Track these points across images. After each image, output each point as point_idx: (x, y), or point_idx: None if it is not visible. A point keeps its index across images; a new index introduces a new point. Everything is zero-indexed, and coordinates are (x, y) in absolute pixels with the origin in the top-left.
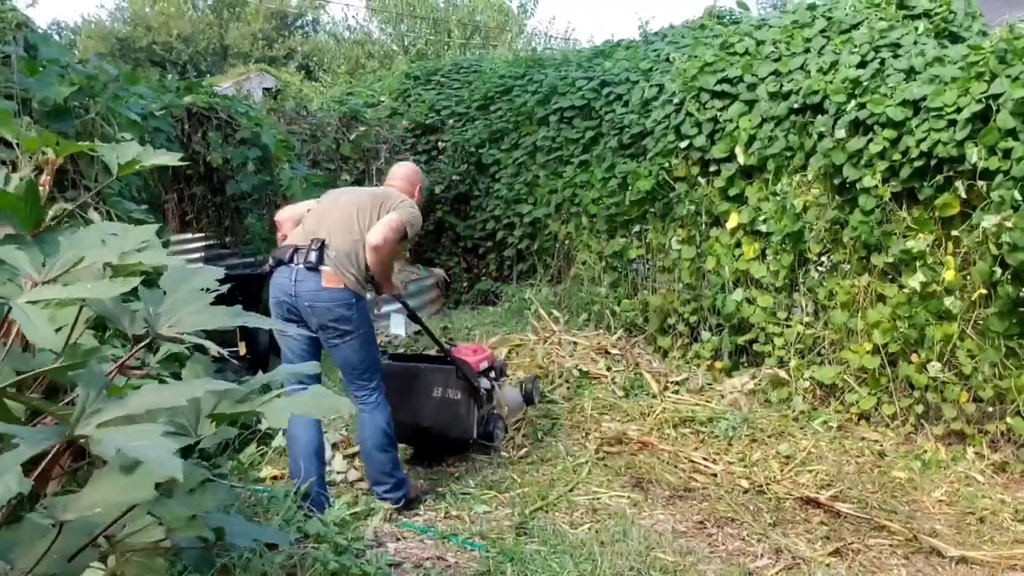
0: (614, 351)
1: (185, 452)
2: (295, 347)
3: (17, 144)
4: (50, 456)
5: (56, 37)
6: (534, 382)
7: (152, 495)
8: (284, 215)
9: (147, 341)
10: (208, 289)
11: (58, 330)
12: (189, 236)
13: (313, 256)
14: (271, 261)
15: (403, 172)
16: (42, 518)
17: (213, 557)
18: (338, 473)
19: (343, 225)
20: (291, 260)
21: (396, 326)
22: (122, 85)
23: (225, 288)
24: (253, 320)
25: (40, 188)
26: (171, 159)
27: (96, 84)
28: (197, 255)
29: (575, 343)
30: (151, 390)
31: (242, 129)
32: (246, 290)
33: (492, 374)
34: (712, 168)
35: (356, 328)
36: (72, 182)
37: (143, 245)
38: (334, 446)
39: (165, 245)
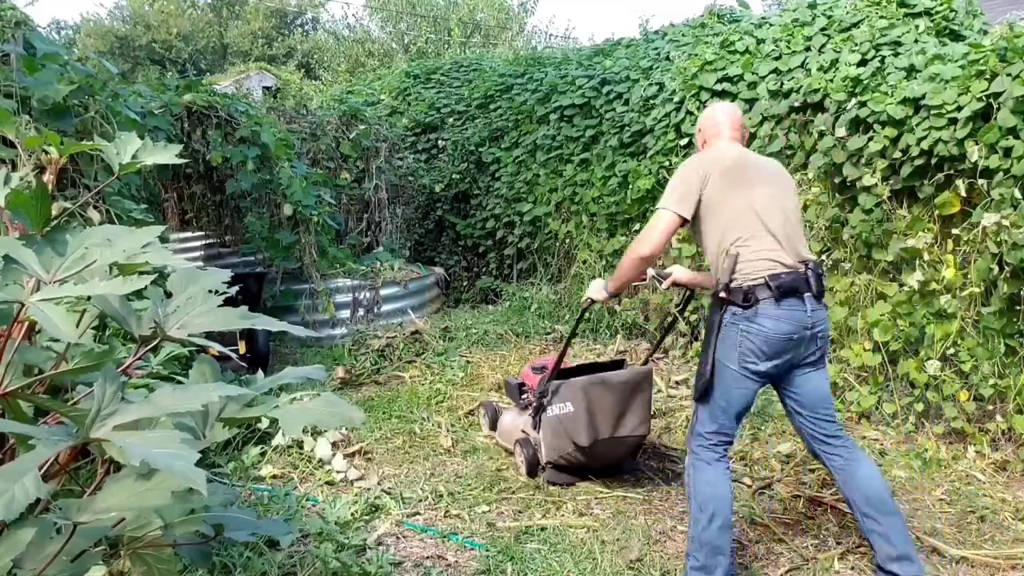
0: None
1: None
2: (751, 394)
3: (17, 142)
4: (53, 457)
5: (55, 35)
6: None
7: (168, 502)
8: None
9: (156, 343)
10: (216, 291)
11: None
12: (189, 234)
13: (814, 282)
14: (772, 289)
15: (739, 120)
16: (57, 519)
17: (211, 552)
18: (337, 473)
19: (800, 235)
20: (800, 289)
21: None
22: (120, 83)
23: (234, 290)
24: (261, 322)
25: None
26: (170, 156)
27: (95, 83)
28: (197, 253)
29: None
30: (166, 393)
31: (242, 128)
32: (246, 289)
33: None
34: None
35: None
36: (72, 181)
37: (148, 245)
38: (334, 445)
39: (163, 242)
